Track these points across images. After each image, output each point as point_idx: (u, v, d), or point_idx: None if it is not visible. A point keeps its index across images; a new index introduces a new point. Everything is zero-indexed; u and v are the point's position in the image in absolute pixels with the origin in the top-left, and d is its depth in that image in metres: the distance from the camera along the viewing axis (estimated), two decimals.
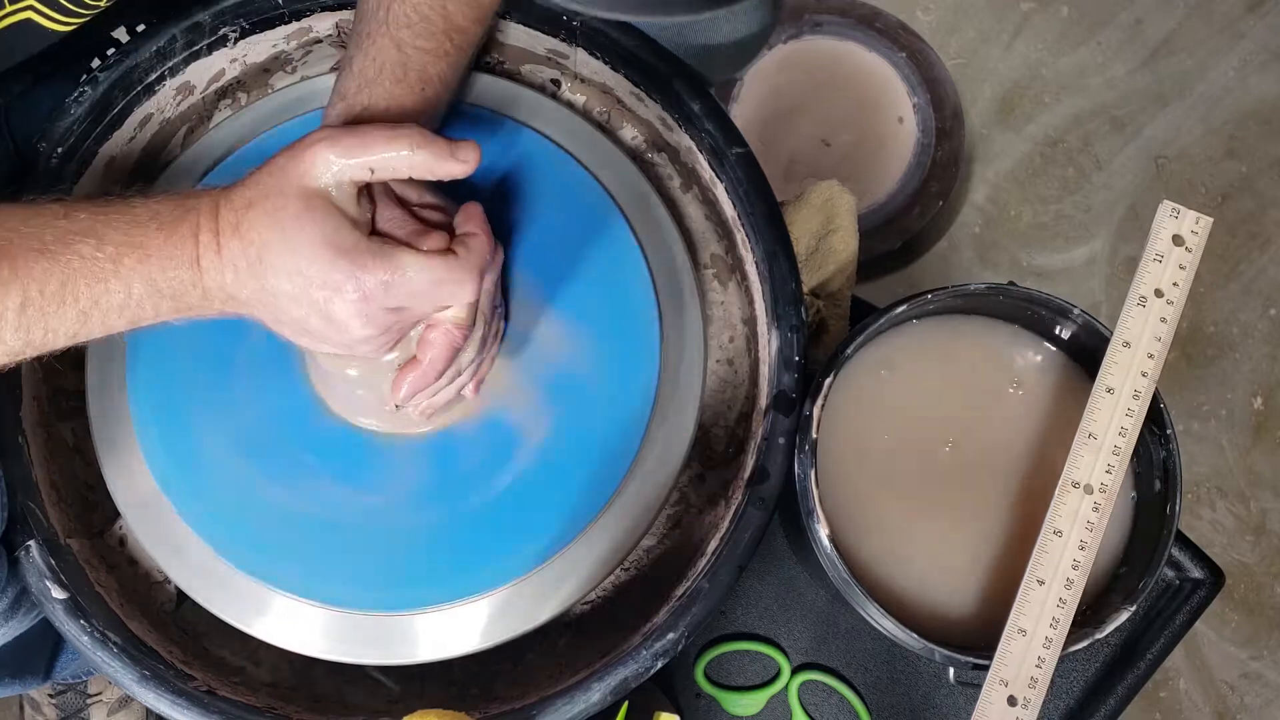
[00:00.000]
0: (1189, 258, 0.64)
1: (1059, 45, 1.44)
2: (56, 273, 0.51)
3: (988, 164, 1.39)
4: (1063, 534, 0.61)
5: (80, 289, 0.52)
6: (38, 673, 0.85)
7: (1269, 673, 1.22)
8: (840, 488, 0.67)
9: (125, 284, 0.53)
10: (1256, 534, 1.26)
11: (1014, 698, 0.59)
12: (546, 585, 0.65)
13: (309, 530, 0.65)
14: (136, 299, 0.53)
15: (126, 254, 0.53)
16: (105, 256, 0.52)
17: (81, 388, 0.69)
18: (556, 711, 0.62)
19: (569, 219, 0.70)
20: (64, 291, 0.52)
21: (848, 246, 0.83)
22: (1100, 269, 1.35)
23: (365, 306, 0.54)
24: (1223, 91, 1.42)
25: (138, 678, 0.62)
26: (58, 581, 0.63)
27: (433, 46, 0.62)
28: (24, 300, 0.51)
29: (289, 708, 0.66)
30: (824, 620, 0.83)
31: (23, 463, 0.66)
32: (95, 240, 0.52)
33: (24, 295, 0.51)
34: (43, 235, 0.51)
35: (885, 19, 1.31)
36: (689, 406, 0.69)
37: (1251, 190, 1.38)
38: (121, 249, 0.52)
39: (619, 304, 0.69)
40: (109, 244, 0.52)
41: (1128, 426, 0.62)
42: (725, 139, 0.71)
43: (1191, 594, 0.80)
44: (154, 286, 0.53)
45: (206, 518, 0.66)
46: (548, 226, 0.70)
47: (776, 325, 0.68)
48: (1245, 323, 1.33)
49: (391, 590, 0.65)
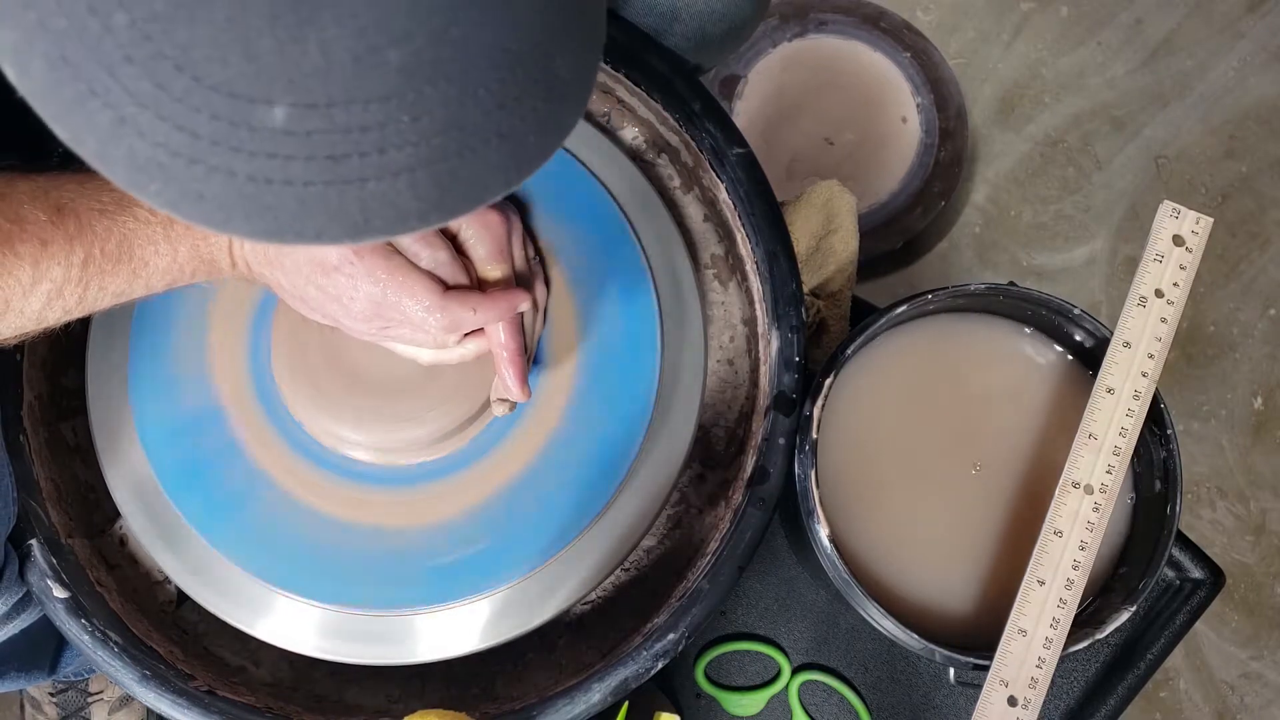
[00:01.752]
0: (1189, 258, 0.64)
1: (1059, 45, 1.44)
2: (115, 231, 0.53)
3: (988, 164, 1.39)
4: (1063, 534, 0.61)
5: (135, 248, 0.54)
6: (44, 667, 0.86)
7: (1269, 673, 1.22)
8: (840, 488, 0.67)
9: (173, 247, 0.55)
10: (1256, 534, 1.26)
11: (1014, 698, 0.59)
12: (546, 585, 0.65)
13: (309, 530, 0.65)
14: (180, 262, 0.56)
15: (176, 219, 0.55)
16: (158, 220, 0.55)
17: (81, 388, 0.69)
18: (556, 711, 0.62)
19: (569, 219, 0.70)
20: (120, 251, 0.54)
21: (848, 246, 0.83)
22: (1100, 269, 1.35)
23: (355, 290, 0.56)
24: (1223, 91, 1.42)
25: (138, 677, 0.62)
26: (59, 581, 0.63)
27: None
28: (86, 257, 0.53)
29: (289, 708, 0.66)
30: (824, 620, 0.83)
31: (24, 462, 0.66)
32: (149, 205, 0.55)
33: (87, 252, 0.53)
34: (100, 196, 0.53)
35: (890, 18, 1.31)
36: (689, 406, 0.69)
37: (1251, 190, 1.38)
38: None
39: (619, 304, 0.69)
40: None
41: (1128, 426, 0.62)
42: (726, 139, 0.71)
43: (1191, 594, 0.80)
44: (197, 252, 0.56)
45: (206, 518, 0.66)
46: (548, 227, 0.70)
47: (776, 325, 0.68)
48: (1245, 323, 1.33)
49: (392, 590, 0.65)
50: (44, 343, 0.71)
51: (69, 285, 0.53)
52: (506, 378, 0.61)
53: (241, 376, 0.68)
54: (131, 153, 0.32)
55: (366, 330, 0.59)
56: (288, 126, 0.32)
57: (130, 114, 0.31)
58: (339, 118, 0.32)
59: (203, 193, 0.33)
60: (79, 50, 0.30)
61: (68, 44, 0.30)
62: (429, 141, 0.33)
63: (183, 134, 0.32)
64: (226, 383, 0.68)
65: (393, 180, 0.34)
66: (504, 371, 0.61)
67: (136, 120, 0.31)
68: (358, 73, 0.31)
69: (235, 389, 0.68)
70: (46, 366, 0.71)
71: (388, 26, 0.30)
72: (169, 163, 0.32)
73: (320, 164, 0.33)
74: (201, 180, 0.33)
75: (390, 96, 0.32)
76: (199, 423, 0.67)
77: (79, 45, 0.30)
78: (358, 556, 0.65)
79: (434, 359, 0.62)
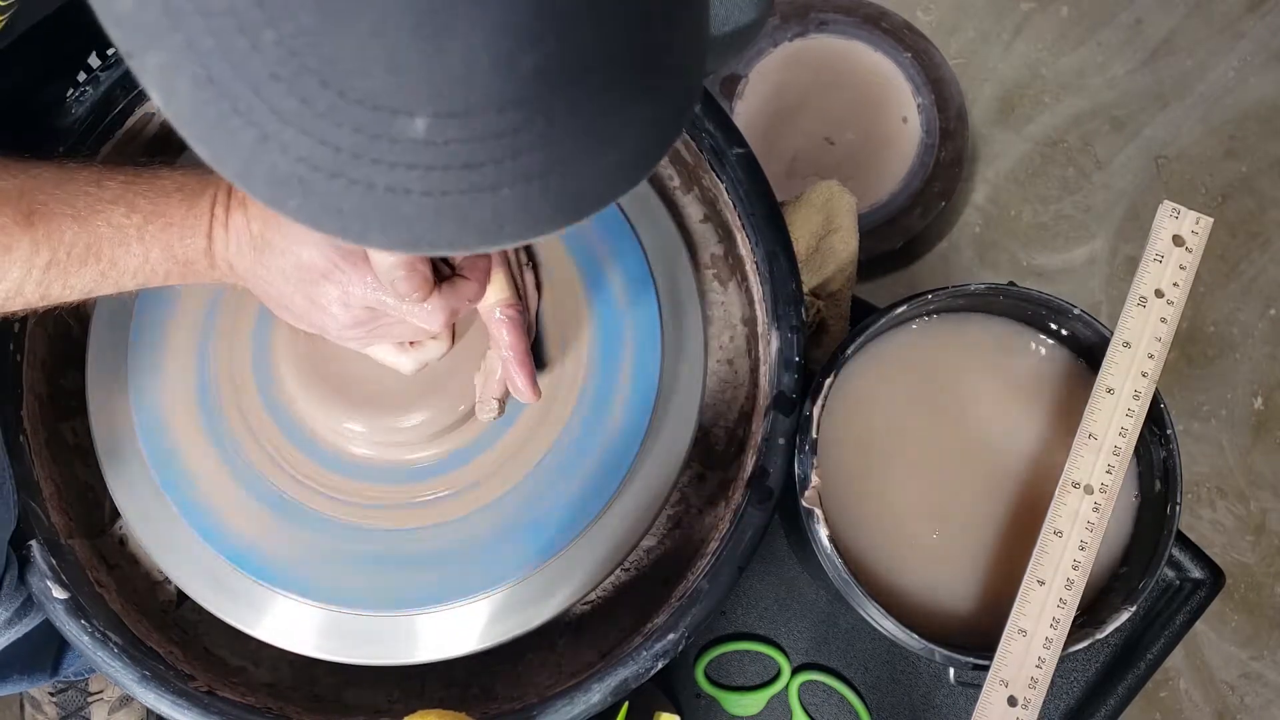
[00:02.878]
0: (1189, 258, 0.64)
1: (1059, 45, 1.44)
2: (84, 236, 0.54)
3: (988, 164, 1.39)
4: (1063, 534, 0.61)
5: (103, 251, 0.55)
6: (45, 669, 0.86)
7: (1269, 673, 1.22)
8: (840, 488, 0.67)
9: (145, 249, 0.56)
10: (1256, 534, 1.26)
11: (1014, 698, 0.59)
12: (546, 585, 0.65)
13: (309, 530, 0.65)
14: (153, 264, 0.56)
15: (151, 221, 0.55)
16: (132, 224, 0.55)
17: (81, 388, 0.69)
18: (556, 711, 0.62)
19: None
20: (88, 253, 0.54)
21: (848, 246, 0.83)
22: (1100, 269, 1.35)
23: (347, 297, 0.56)
24: (1223, 91, 1.42)
25: (138, 678, 0.62)
26: (58, 581, 0.63)
27: None
28: (51, 260, 0.53)
29: (289, 708, 0.66)
30: (824, 620, 0.83)
31: (24, 463, 0.66)
32: (125, 208, 0.55)
33: (52, 255, 0.53)
34: (75, 201, 0.54)
35: (891, 19, 1.31)
36: (689, 406, 0.69)
37: (1251, 190, 1.38)
38: (148, 217, 0.55)
39: (619, 304, 0.69)
40: (137, 212, 0.55)
41: (1128, 426, 0.62)
42: (726, 139, 0.71)
43: (1191, 594, 0.80)
44: (170, 253, 0.56)
45: (206, 518, 0.66)
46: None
47: (776, 325, 0.68)
48: (1245, 323, 1.33)
49: (392, 590, 0.65)
50: (44, 344, 0.71)
51: (29, 284, 0.53)
52: (516, 379, 0.61)
53: (241, 376, 0.68)
54: (273, 169, 0.32)
55: (352, 338, 0.59)
56: (428, 137, 0.32)
57: (273, 130, 0.31)
58: (476, 125, 0.32)
59: (341, 207, 0.33)
60: (226, 69, 0.30)
61: (214, 63, 0.30)
62: (560, 144, 0.34)
63: (325, 148, 0.32)
64: (227, 383, 0.68)
65: (525, 185, 0.34)
66: (513, 374, 0.61)
67: (280, 136, 0.31)
68: (495, 79, 0.31)
69: (235, 389, 0.68)
70: (46, 368, 0.71)
71: (520, 31, 0.30)
72: (309, 177, 0.32)
73: (456, 173, 0.33)
74: (341, 194, 0.33)
75: (525, 101, 0.32)
76: (199, 422, 0.67)
77: (226, 64, 0.30)
78: (357, 556, 0.65)
79: (415, 366, 0.63)
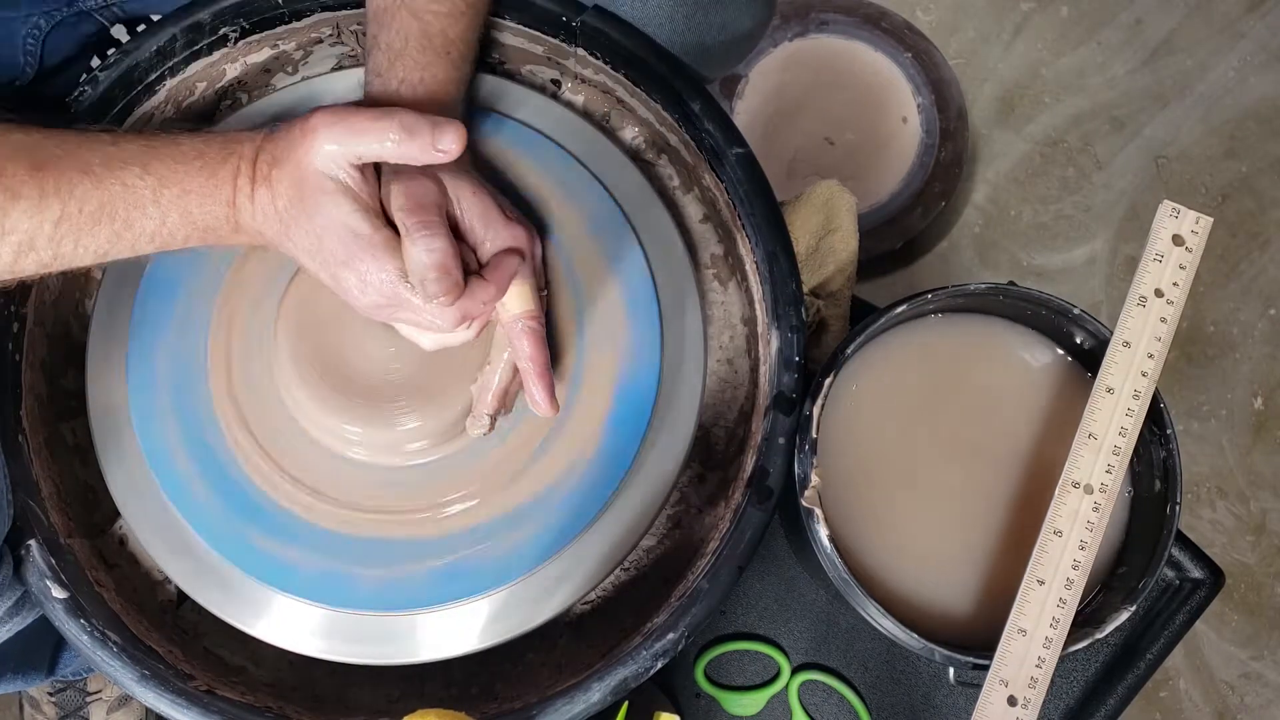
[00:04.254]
0: (1189, 258, 0.64)
1: (1059, 45, 1.44)
2: (97, 194, 0.54)
3: (988, 164, 1.39)
4: (1063, 534, 0.61)
5: (117, 211, 0.55)
6: (41, 669, 0.86)
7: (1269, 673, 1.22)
8: (840, 487, 0.67)
9: (162, 213, 0.56)
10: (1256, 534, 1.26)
11: (1014, 698, 0.59)
12: (546, 585, 0.65)
13: (309, 530, 0.65)
14: (170, 228, 0.57)
15: (168, 186, 0.56)
16: (146, 186, 0.55)
17: (81, 388, 0.69)
18: (556, 711, 0.62)
19: (569, 219, 0.70)
20: (101, 212, 0.55)
21: (848, 246, 0.83)
22: (1100, 269, 1.35)
23: (364, 285, 0.58)
24: (1223, 91, 1.42)
25: (137, 677, 0.62)
26: (58, 581, 0.63)
27: (447, 9, 0.66)
28: (61, 215, 0.53)
29: (289, 708, 0.66)
30: (824, 620, 0.83)
31: (23, 462, 0.66)
32: (140, 169, 0.55)
33: (62, 210, 0.53)
34: (90, 158, 0.54)
35: (891, 19, 1.31)
36: (689, 406, 0.69)
37: (1251, 190, 1.38)
38: (164, 181, 0.56)
39: (619, 304, 0.69)
40: (152, 174, 0.56)
41: (1128, 426, 0.62)
42: (725, 139, 0.71)
43: (1191, 594, 0.80)
44: (189, 218, 0.57)
45: (207, 518, 0.66)
46: (548, 227, 0.70)
47: (776, 325, 0.68)
48: (1245, 323, 1.33)
49: (391, 590, 0.65)
50: (43, 344, 0.71)
51: (40, 240, 0.53)
52: (535, 392, 0.62)
53: (241, 377, 0.68)
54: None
55: (376, 315, 0.61)
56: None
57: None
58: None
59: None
60: None
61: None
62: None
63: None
64: (226, 383, 0.68)
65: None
66: (531, 386, 0.62)
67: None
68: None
69: (235, 389, 0.68)
70: (46, 367, 0.71)
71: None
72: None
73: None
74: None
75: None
76: (198, 422, 0.67)
77: None
78: (357, 556, 0.65)
79: (436, 343, 0.63)
